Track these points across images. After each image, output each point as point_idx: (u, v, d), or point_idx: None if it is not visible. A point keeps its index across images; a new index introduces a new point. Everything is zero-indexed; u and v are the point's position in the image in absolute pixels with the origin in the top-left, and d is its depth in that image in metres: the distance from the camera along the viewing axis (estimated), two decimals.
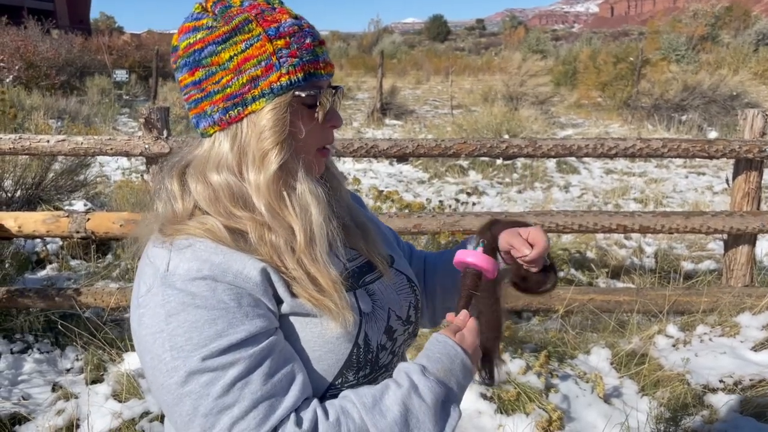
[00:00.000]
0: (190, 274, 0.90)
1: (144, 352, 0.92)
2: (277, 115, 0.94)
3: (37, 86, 14.07)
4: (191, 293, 0.89)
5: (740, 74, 14.75)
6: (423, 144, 3.81)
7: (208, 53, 0.94)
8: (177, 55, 0.97)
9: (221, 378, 0.87)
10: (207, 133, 0.97)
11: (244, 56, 0.93)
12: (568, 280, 4.40)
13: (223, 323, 0.88)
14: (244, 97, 0.93)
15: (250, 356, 0.89)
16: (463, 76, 26.59)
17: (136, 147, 3.72)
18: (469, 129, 10.20)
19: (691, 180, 8.51)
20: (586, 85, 16.64)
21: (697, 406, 3.00)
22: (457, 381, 0.99)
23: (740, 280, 3.94)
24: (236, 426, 0.87)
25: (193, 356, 0.87)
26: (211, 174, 0.95)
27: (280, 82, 0.93)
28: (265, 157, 0.94)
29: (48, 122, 8.51)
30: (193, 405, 0.87)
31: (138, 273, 0.98)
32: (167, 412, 0.92)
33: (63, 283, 4.29)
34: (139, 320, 0.92)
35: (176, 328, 0.88)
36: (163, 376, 0.89)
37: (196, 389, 0.87)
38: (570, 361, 3.25)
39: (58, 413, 2.93)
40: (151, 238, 0.98)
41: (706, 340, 3.58)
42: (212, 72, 0.94)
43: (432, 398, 0.94)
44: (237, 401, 0.87)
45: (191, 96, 0.97)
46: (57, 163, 5.86)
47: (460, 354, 1.01)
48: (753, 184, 3.89)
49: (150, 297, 0.91)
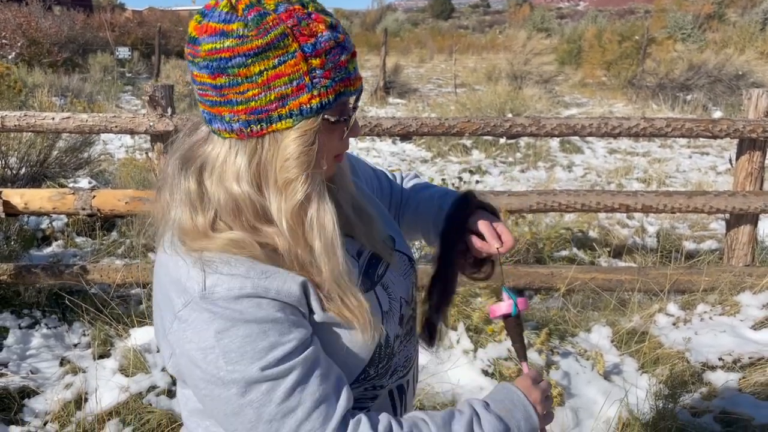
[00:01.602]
0: (232, 293, 0.88)
1: (192, 367, 0.91)
2: (304, 146, 0.89)
3: (39, 63, 14.02)
4: (238, 310, 0.88)
5: (746, 53, 14.63)
6: (426, 122, 3.81)
7: (235, 64, 0.85)
8: (197, 53, 0.88)
9: (281, 384, 0.89)
10: (221, 135, 0.91)
11: (275, 72, 0.86)
12: (570, 259, 4.43)
13: (274, 335, 0.89)
14: (270, 115, 0.87)
15: (305, 360, 0.90)
16: (467, 55, 26.39)
17: (141, 125, 3.73)
18: (472, 108, 10.16)
19: (694, 160, 8.49)
20: (591, 64, 16.52)
21: (696, 383, 3.04)
22: (518, 424, 1.01)
23: (741, 259, 3.96)
24: (302, 427, 0.89)
25: (251, 367, 0.88)
26: (231, 184, 0.91)
27: (311, 105, 0.88)
28: (289, 186, 0.90)
29: (51, 99, 8.50)
30: (256, 413, 0.89)
31: (162, 280, 0.95)
32: (224, 421, 0.92)
33: (69, 260, 4.33)
34: (182, 335, 0.91)
35: (228, 344, 0.88)
36: (219, 389, 0.89)
37: (258, 397, 0.88)
38: (571, 338, 3.28)
39: (67, 387, 2.99)
40: (171, 246, 0.94)
41: (706, 319, 3.61)
42: (237, 82, 0.86)
43: (491, 430, 0.98)
44: (299, 404, 0.89)
45: (208, 96, 0.90)
46: (61, 140, 5.87)
47: (523, 400, 1.03)
48: (756, 164, 3.89)
49: (191, 312, 0.89)
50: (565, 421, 2.69)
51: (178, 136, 0.99)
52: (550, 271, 3.82)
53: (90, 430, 2.71)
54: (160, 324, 0.97)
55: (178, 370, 0.96)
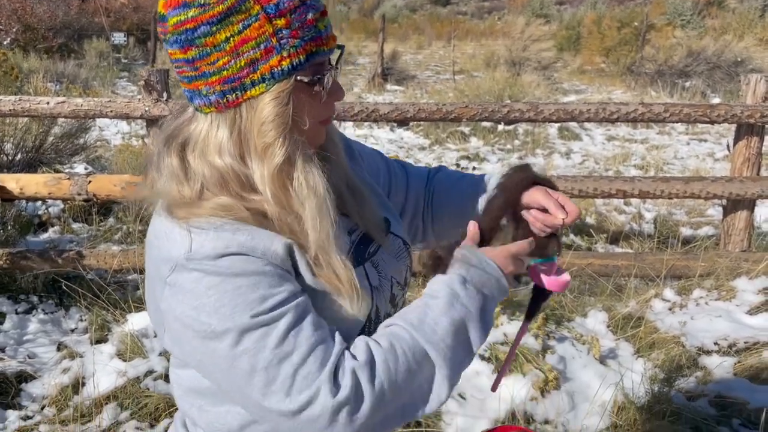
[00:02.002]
0: (217, 251, 0.88)
1: (185, 329, 0.90)
2: (278, 107, 0.89)
3: (34, 49, 13.92)
4: (225, 266, 0.88)
5: (745, 40, 14.57)
6: (424, 108, 3.80)
7: (201, 33, 0.87)
8: (166, 29, 0.90)
9: (274, 329, 0.88)
10: (202, 110, 0.93)
11: (241, 38, 0.86)
12: (567, 245, 4.43)
13: (264, 287, 0.89)
14: (243, 82, 0.88)
15: (296, 307, 0.90)
16: (465, 41, 26.27)
17: (137, 109, 3.71)
18: (470, 95, 10.12)
19: (692, 147, 8.49)
20: (590, 51, 16.45)
21: (691, 367, 3.05)
22: (491, 293, 0.99)
23: (738, 245, 3.97)
24: (299, 372, 0.87)
25: (242, 316, 0.87)
26: (214, 158, 0.92)
27: (281, 67, 0.88)
28: (268, 150, 0.90)
29: (47, 85, 8.46)
30: (251, 361, 0.87)
31: (152, 253, 0.95)
32: (222, 380, 0.91)
33: (65, 246, 4.33)
34: (173, 299, 0.90)
35: (219, 299, 0.87)
36: (213, 343, 0.88)
37: (251, 345, 0.87)
38: (567, 323, 3.29)
39: (64, 371, 2.99)
40: (160, 217, 0.95)
41: (702, 304, 3.62)
42: (207, 53, 0.88)
43: (475, 306, 0.96)
44: (295, 348, 0.87)
45: (184, 72, 0.91)
46: (57, 126, 5.84)
47: (497, 270, 1.00)
48: (754, 150, 3.89)
49: (179, 276, 0.89)
50: (560, 405, 2.70)
51: (167, 118, 1.00)
52: None
53: (87, 414, 2.72)
54: (152, 297, 0.96)
55: (173, 338, 0.95)
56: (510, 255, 1.03)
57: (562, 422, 2.65)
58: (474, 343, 0.96)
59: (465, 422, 2.59)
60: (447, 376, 0.93)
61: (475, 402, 2.72)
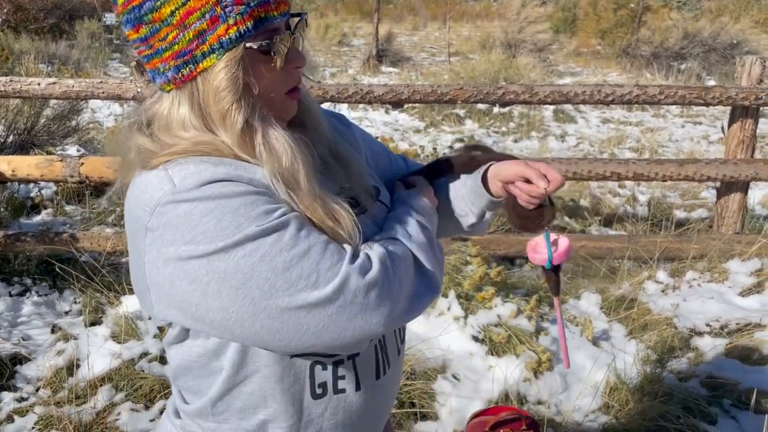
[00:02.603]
0: (203, 179, 0.85)
1: (183, 270, 0.85)
2: (229, 73, 0.88)
3: (26, 30, 13.76)
4: (215, 191, 0.85)
5: (741, 22, 14.52)
6: (419, 89, 3.78)
7: (147, 9, 0.86)
8: (117, 10, 0.90)
9: (286, 232, 0.86)
10: (164, 89, 0.92)
11: (186, 9, 0.85)
12: (561, 228, 4.44)
13: (262, 203, 0.86)
14: (194, 54, 0.87)
15: (299, 215, 0.89)
16: (461, 23, 26.11)
17: (129, 90, 3.68)
18: (466, 77, 10.07)
19: (687, 129, 8.49)
20: (586, 33, 16.39)
21: (683, 348, 3.07)
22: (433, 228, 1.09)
23: (731, 227, 3.98)
24: (321, 265, 0.85)
25: (249, 227, 0.84)
26: (180, 132, 0.91)
27: (228, 35, 0.86)
28: (226, 118, 0.89)
29: (38, 66, 8.37)
30: (270, 266, 0.83)
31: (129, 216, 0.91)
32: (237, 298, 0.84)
33: (59, 228, 4.31)
34: (160, 242, 0.85)
35: (218, 222, 0.83)
36: (224, 262, 0.83)
37: (266, 250, 0.84)
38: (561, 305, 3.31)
39: (58, 353, 2.99)
40: (133, 181, 0.92)
41: (695, 286, 3.65)
42: (156, 29, 0.87)
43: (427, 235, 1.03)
44: (311, 246, 0.86)
45: (142, 52, 0.91)
46: (49, 108, 5.79)
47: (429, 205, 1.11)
48: (748, 132, 3.89)
49: (162, 214, 0.84)
50: (553, 386, 2.72)
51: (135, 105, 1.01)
52: None
53: (82, 395, 2.72)
54: (136, 260, 0.91)
55: (163, 295, 0.88)
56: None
57: (554, 403, 2.67)
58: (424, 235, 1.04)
59: (459, 403, 2.61)
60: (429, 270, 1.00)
61: (469, 383, 2.73)
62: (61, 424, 2.52)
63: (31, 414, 2.62)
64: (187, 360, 0.99)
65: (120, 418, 2.59)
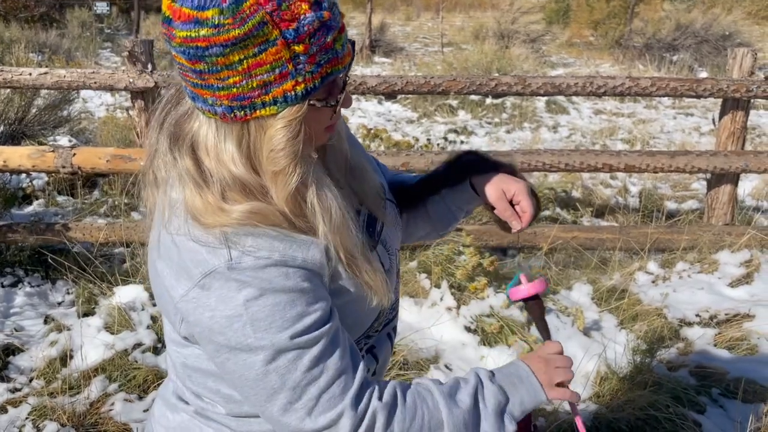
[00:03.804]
0: (260, 262, 0.87)
1: (213, 334, 0.90)
2: (289, 135, 0.85)
3: (15, 18, 13.63)
4: (266, 279, 0.87)
5: (733, 13, 14.54)
6: (412, 81, 3.78)
7: (213, 53, 0.80)
8: (172, 36, 0.82)
9: (308, 353, 0.90)
10: (205, 114, 0.88)
11: (256, 61, 0.81)
12: (553, 219, 4.47)
13: (301, 304, 0.89)
14: (253, 102, 0.83)
15: (329, 331, 0.91)
16: (454, 13, 26.03)
17: (121, 81, 3.67)
18: (459, 67, 10.06)
19: (679, 121, 8.52)
20: (579, 24, 16.39)
21: (673, 339, 3.11)
22: (521, 398, 1.03)
23: (721, 218, 4.01)
24: (324, 395, 0.90)
25: (280, 335, 0.88)
26: (230, 166, 0.88)
27: (296, 92, 0.83)
28: (278, 176, 0.88)
29: (29, 56, 8.30)
30: (281, 379, 0.89)
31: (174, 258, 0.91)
32: (243, 384, 0.92)
33: (51, 219, 4.30)
34: (203, 302, 0.88)
35: (257, 312, 0.87)
36: (245, 355, 0.89)
37: (285, 364, 0.89)
38: (552, 296, 3.33)
39: (52, 344, 3.00)
40: (182, 227, 0.91)
41: (685, 277, 3.68)
42: (217, 69, 0.81)
43: (493, 401, 1.00)
44: (323, 373, 0.90)
45: (189, 77, 0.85)
46: (39, 98, 5.75)
47: (530, 376, 1.05)
48: (739, 124, 3.92)
49: (214, 281, 0.87)
50: None
51: (162, 101, 0.95)
52: (533, 231, 3.85)
53: (76, 386, 2.73)
54: (165, 294, 0.93)
55: (190, 333, 0.95)
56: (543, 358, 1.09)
57: None
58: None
59: None
60: None
61: (461, 373, 2.76)
62: (55, 414, 2.52)
63: (24, 404, 2.62)
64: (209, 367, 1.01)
65: (114, 408, 2.60)
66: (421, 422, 0.95)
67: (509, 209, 1.14)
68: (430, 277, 3.35)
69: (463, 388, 1.00)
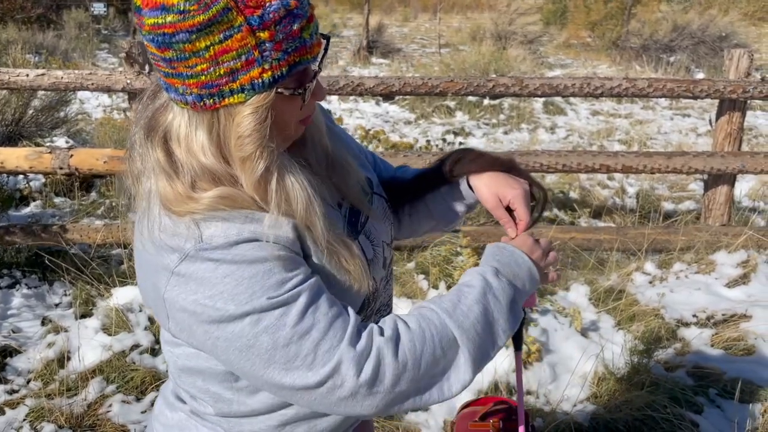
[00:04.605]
0: (229, 240, 0.88)
1: (198, 316, 0.89)
2: (255, 121, 0.87)
3: (12, 19, 13.61)
4: (239, 254, 0.88)
5: (730, 14, 14.59)
6: (410, 82, 3.78)
7: (180, 39, 0.82)
8: (142, 23, 0.85)
9: (293, 307, 0.88)
10: (178, 104, 0.90)
11: (222, 47, 0.82)
12: (551, 220, 4.47)
13: (279, 272, 0.89)
14: (221, 89, 0.85)
15: (311, 287, 0.90)
16: (451, 14, 26.06)
17: (118, 82, 3.66)
18: (456, 68, 10.07)
19: (676, 122, 8.54)
20: (576, 25, 16.42)
21: (670, 339, 3.11)
22: (523, 284, 1.03)
23: (718, 219, 4.02)
24: (320, 346, 0.88)
25: (260, 299, 0.87)
26: (200, 156, 0.90)
27: (262, 79, 0.85)
28: (246, 162, 0.89)
29: (26, 57, 8.28)
30: (272, 339, 0.87)
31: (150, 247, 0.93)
32: (239, 359, 0.90)
33: (48, 220, 4.29)
34: (183, 287, 0.89)
35: (236, 287, 0.87)
36: (231, 326, 0.88)
37: (272, 323, 0.87)
38: (550, 297, 3.34)
39: (49, 346, 2.99)
40: (156, 214, 0.93)
41: (682, 277, 3.69)
42: (184, 57, 0.83)
43: (505, 298, 0.98)
44: (314, 324, 0.89)
45: (160, 66, 0.87)
46: (36, 99, 5.74)
47: (528, 262, 1.05)
48: (735, 125, 3.93)
49: (190, 265, 0.88)
50: (542, 376, 2.75)
51: (143, 98, 0.97)
52: (530, 232, 3.85)
53: (74, 387, 2.73)
54: (151, 289, 0.95)
55: (180, 326, 0.94)
56: (533, 241, 1.09)
57: (543, 393, 2.70)
58: (501, 334, 0.98)
59: None
60: (472, 362, 0.94)
61: None
62: (53, 416, 2.52)
63: (22, 406, 2.62)
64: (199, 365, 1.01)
65: (111, 410, 2.60)
66: (433, 344, 0.93)
67: (505, 216, 1.14)
68: (428, 278, 3.35)
69: (468, 295, 0.97)
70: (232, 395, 1.00)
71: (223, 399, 1.00)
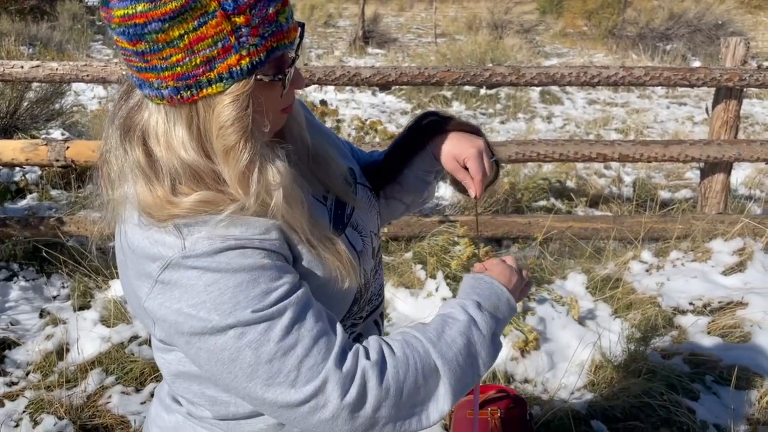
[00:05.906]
0: (214, 247, 0.85)
1: (181, 325, 0.87)
2: (237, 110, 0.84)
3: (5, 11, 13.51)
4: (224, 262, 0.85)
5: (726, 2, 14.55)
6: (406, 72, 3.77)
7: (152, 29, 0.79)
8: (110, 17, 0.81)
9: (278, 323, 0.86)
10: (153, 101, 0.87)
11: (196, 35, 0.80)
12: (548, 209, 4.48)
13: (265, 281, 0.87)
14: (198, 80, 0.82)
15: (298, 300, 0.89)
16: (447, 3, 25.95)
17: (113, 73, 3.65)
18: (453, 58, 10.04)
19: (672, 110, 8.54)
20: (572, 13, 16.36)
21: (666, 327, 3.13)
22: (504, 316, 1.05)
23: (714, 207, 4.04)
24: (303, 364, 0.86)
25: (245, 312, 0.85)
26: (180, 152, 0.87)
27: (240, 66, 0.82)
28: (229, 153, 0.86)
29: (19, 49, 8.22)
30: (255, 354, 0.86)
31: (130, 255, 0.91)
32: (222, 371, 0.88)
33: (44, 213, 4.28)
34: (167, 295, 0.87)
35: (219, 296, 0.85)
36: (213, 338, 0.86)
37: (256, 338, 0.86)
38: (547, 285, 3.35)
39: (48, 338, 3.00)
40: (135, 226, 0.90)
41: (679, 265, 3.70)
42: (158, 48, 0.80)
43: (488, 330, 1.00)
44: (298, 341, 0.87)
45: (132, 62, 0.84)
46: (31, 91, 5.71)
47: (506, 294, 1.07)
48: (732, 113, 3.93)
49: (173, 273, 0.86)
50: (540, 364, 2.77)
51: (115, 98, 0.95)
52: (527, 221, 3.87)
53: (73, 379, 2.73)
54: (133, 296, 0.93)
55: (165, 333, 0.92)
56: (508, 269, 1.11)
57: (541, 381, 2.72)
58: (482, 366, 0.99)
59: None
60: (452, 392, 0.95)
61: None
62: (52, 407, 2.53)
63: (21, 398, 2.63)
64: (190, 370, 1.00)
65: (111, 401, 2.60)
66: (416, 372, 0.92)
67: (464, 176, 1.13)
68: (426, 268, 3.36)
69: (453, 326, 0.98)
70: (229, 398, 0.98)
71: (221, 402, 0.99)
